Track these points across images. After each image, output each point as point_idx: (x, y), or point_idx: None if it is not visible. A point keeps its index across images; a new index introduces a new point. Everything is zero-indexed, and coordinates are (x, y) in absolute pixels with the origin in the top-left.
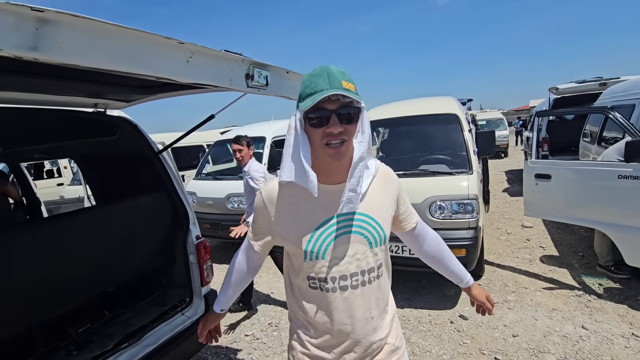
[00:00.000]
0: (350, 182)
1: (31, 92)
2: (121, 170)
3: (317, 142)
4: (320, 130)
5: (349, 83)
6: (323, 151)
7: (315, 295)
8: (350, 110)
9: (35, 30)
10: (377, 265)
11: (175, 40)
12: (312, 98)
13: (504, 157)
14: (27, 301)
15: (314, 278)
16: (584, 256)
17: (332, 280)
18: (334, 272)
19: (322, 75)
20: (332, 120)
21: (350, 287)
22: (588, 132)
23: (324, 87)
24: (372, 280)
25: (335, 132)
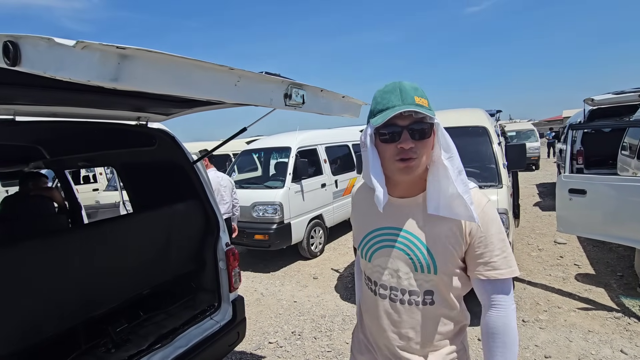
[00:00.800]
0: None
1: (85, 107)
2: (157, 179)
3: (388, 157)
4: (391, 145)
5: (422, 99)
6: (393, 166)
7: (367, 292)
8: (423, 126)
9: (117, 65)
10: (423, 291)
11: (226, 67)
12: (383, 114)
13: (535, 169)
14: (73, 301)
15: (365, 275)
16: (623, 276)
17: (375, 285)
18: (377, 278)
19: (394, 91)
20: (404, 136)
21: (389, 299)
22: (627, 144)
23: (396, 104)
24: (413, 303)
25: (407, 148)
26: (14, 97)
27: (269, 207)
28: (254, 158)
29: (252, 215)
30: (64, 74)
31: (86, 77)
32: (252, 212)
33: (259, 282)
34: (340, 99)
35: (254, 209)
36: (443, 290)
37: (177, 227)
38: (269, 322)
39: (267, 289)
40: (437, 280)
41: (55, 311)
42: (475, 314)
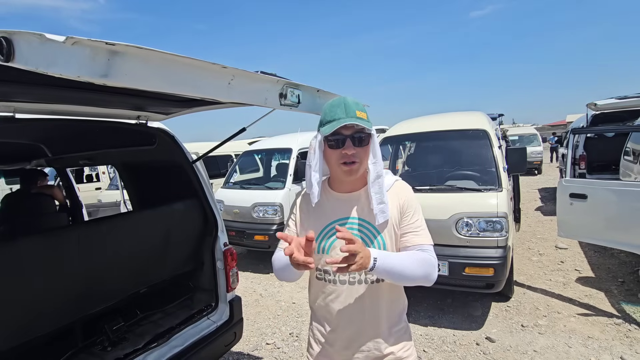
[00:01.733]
0: (376, 197)
1: (84, 105)
2: (157, 178)
3: (334, 161)
4: (337, 151)
5: (362, 112)
6: (339, 168)
7: (320, 285)
8: (361, 135)
9: (107, 61)
10: None
11: (219, 65)
12: (331, 125)
13: (537, 174)
14: (71, 298)
15: (320, 270)
16: (625, 282)
17: (334, 274)
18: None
19: (339, 105)
20: (347, 143)
21: (348, 283)
22: (630, 150)
23: (341, 116)
24: (369, 282)
25: (349, 153)
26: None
27: (270, 208)
28: (256, 159)
29: (253, 216)
30: (55, 70)
31: (76, 72)
32: (253, 212)
33: (258, 283)
34: None
35: (254, 210)
36: None
37: (175, 227)
38: (267, 323)
39: (266, 290)
40: None
41: (52, 308)
42: (474, 319)
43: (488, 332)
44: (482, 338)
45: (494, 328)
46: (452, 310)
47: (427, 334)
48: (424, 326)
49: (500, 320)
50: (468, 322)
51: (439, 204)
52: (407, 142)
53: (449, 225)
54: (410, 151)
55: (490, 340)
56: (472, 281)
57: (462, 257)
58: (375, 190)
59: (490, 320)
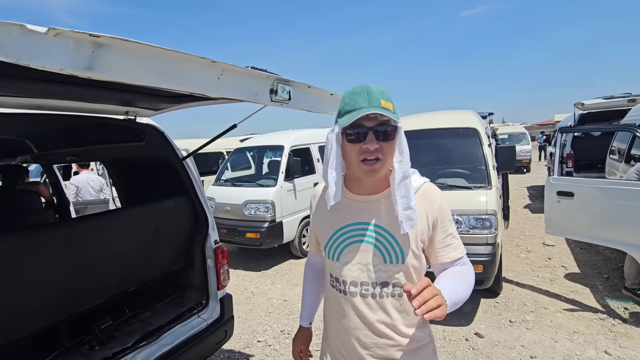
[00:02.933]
0: (402, 202)
1: (70, 100)
2: (146, 175)
3: (353, 157)
4: (357, 146)
5: (388, 102)
6: (358, 167)
7: (333, 294)
8: (387, 128)
9: (91, 53)
10: (392, 282)
11: (208, 59)
12: (351, 115)
13: (526, 172)
14: (57, 297)
15: (332, 277)
16: (609, 278)
17: (344, 284)
18: (346, 276)
19: (362, 93)
20: (369, 137)
21: (360, 295)
22: (615, 149)
23: (362, 105)
24: (384, 295)
25: (371, 149)
26: None
27: (261, 205)
28: (247, 156)
29: (244, 213)
30: (37, 62)
31: (59, 65)
32: (244, 210)
33: (250, 280)
34: (329, 97)
35: (245, 207)
36: (409, 279)
37: (165, 224)
38: (258, 321)
39: (258, 288)
40: (405, 269)
41: (37, 307)
42: (463, 315)
43: (477, 327)
44: (471, 334)
45: (482, 324)
46: None
47: None
48: None
49: (489, 316)
50: (457, 318)
51: None
52: None
53: None
54: None
55: (479, 336)
56: None
57: None
58: (401, 194)
59: (479, 316)
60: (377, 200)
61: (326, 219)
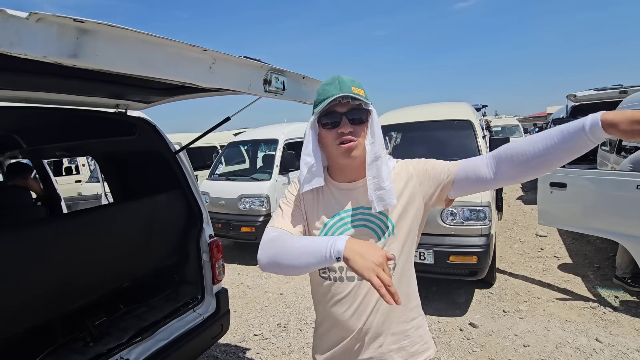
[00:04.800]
0: (374, 182)
1: (58, 93)
2: (139, 169)
3: (330, 142)
4: (332, 131)
5: (359, 89)
6: (336, 150)
7: (325, 285)
8: (359, 112)
9: (76, 40)
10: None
11: (199, 47)
12: (324, 103)
13: None
14: (49, 293)
15: (327, 268)
16: (600, 267)
17: (340, 270)
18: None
19: (333, 83)
20: (343, 121)
21: (357, 279)
22: (607, 140)
23: (334, 93)
24: None
25: (346, 132)
26: None
27: (256, 199)
28: (241, 150)
29: (239, 207)
30: (18, 49)
31: (42, 52)
32: (239, 204)
33: (245, 274)
34: None
35: (240, 202)
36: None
37: (158, 219)
38: (254, 315)
39: (254, 282)
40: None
41: (30, 304)
42: (458, 306)
43: (471, 318)
44: (465, 324)
45: (477, 314)
46: (436, 297)
47: None
48: None
49: (483, 307)
50: (452, 309)
51: None
52: (393, 133)
53: (434, 214)
54: (397, 142)
55: (473, 326)
56: (456, 269)
57: (446, 245)
58: (372, 174)
59: (474, 307)
60: (359, 186)
61: (315, 212)
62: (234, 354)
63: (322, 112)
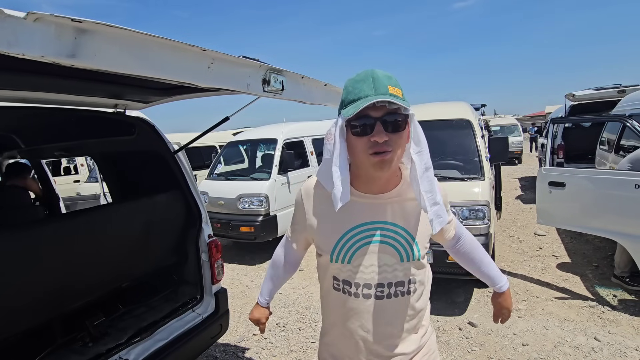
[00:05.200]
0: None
1: (57, 93)
2: (138, 169)
3: (360, 151)
4: (364, 139)
5: (396, 88)
6: (367, 160)
7: (338, 297)
8: (397, 118)
9: (74, 40)
10: (407, 280)
11: (198, 47)
12: (355, 105)
13: (518, 163)
14: (48, 294)
15: (338, 280)
16: (599, 266)
17: (356, 287)
18: (359, 279)
19: (366, 80)
20: (377, 129)
21: (374, 297)
22: (605, 140)
23: (368, 93)
24: (399, 294)
25: (380, 141)
26: None
27: (255, 199)
28: (241, 149)
29: (238, 207)
30: (16, 49)
31: (40, 52)
32: (238, 204)
33: (245, 274)
34: (322, 87)
35: (239, 201)
36: (422, 274)
37: (157, 219)
38: None
39: (253, 281)
40: (419, 265)
41: (29, 304)
42: (457, 305)
43: (470, 317)
44: (464, 323)
45: (475, 313)
46: (435, 297)
47: None
48: None
49: (482, 306)
50: (451, 308)
51: None
52: None
53: None
54: None
55: (472, 325)
56: (455, 268)
57: None
58: (425, 188)
59: (472, 306)
60: (389, 199)
61: (330, 221)
62: (233, 353)
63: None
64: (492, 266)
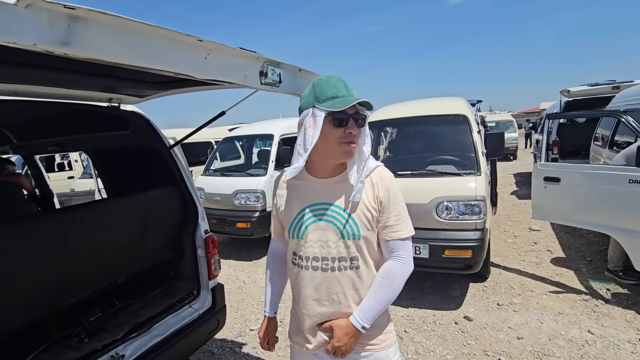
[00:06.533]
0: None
1: (48, 86)
2: (133, 164)
3: (335, 139)
4: (339, 130)
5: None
6: (340, 148)
7: (293, 270)
8: (362, 117)
9: (67, 27)
10: (350, 256)
11: (194, 37)
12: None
13: (513, 159)
14: (42, 290)
15: (294, 254)
16: (592, 261)
17: (306, 259)
18: (308, 252)
19: (339, 83)
20: (351, 123)
21: (321, 269)
22: (599, 135)
23: (344, 94)
24: (342, 269)
25: (354, 133)
26: None
27: (251, 194)
28: (237, 145)
29: (234, 203)
30: (7, 38)
31: (32, 41)
32: (234, 200)
33: (241, 270)
34: None
35: (236, 197)
36: (365, 254)
37: (153, 214)
38: (250, 310)
39: (249, 277)
40: (361, 245)
41: (23, 301)
42: (453, 299)
43: (466, 311)
44: (460, 317)
45: (471, 307)
46: (432, 291)
47: (408, 315)
48: (405, 307)
49: (478, 300)
50: (447, 303)
51: (420, 188)
52: (389, 128)
53: (429, 209)
54: (392, 137)
55: (468, 319)
56: (452, 263)
57: (442, 239)
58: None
59: (468, 300)
60: (337, 183)
61: (290, 202)
62: (230, 349)
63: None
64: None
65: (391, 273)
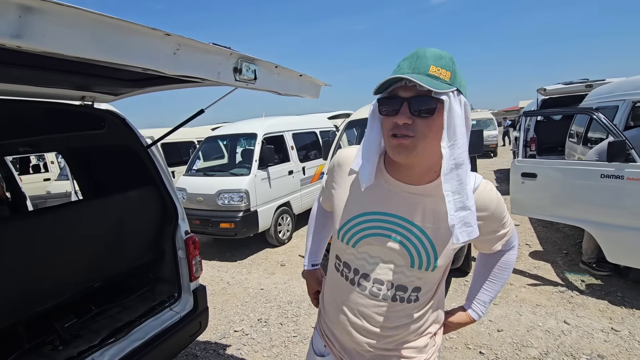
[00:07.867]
0: (455, 199)
1: (15, 83)
2: (109, 165)
3: (385, 132)
4: (390, 119)
5: (442, 69)
6: (388, 142)
7: (336, 278)
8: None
9: (19, 18)
10: (412, 287)
11: (161, 31)
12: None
13: (493, 156)
14: (13, 296)
15: (339, 259)
16: (568, 253)
17: (355, 273)
18: (359, 266)
19: (411, 57)
20: (402, 110)
21: (369, 292)
22: (574, 132)
23: (405, 71)
24: (397, 299)
25: (400, 123)
26: None
27: (235, 194)
28: (220, 145)
29: (218, 203)
30: None
31: None
32: (218, 200)
33: (225, 271)
34: (297, 78)
35: (219, 197)
36: (431, 285)
37: (131, 216)
38: (234, 311)
39: (234, 278)
40: (431, 276)
41: None
42: None
43: (448, 306)
44: None
45: (453, 302)
46: None
47: None
48: None
49: (460, 294)
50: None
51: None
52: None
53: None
54: None
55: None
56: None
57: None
58: (452, 188)
59: (450, 295)
60: (421, 194)
61: (351, 196)
62: (214, 351)
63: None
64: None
65: (510, 263)
